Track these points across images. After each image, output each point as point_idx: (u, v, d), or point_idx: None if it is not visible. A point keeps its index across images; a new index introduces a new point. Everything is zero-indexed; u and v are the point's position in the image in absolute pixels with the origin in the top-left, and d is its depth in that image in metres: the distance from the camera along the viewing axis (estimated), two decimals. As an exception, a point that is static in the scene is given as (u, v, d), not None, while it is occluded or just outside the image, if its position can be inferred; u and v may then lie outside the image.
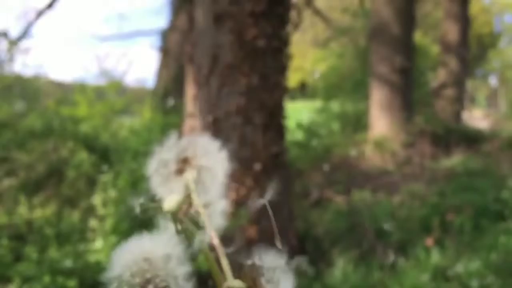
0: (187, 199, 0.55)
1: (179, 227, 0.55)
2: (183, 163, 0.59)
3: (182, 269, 0.51)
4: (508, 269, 3.41)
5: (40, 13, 10.80)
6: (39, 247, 3.25)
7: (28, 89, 9.49)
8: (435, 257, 3.63)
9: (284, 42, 3.80)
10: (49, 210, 3.99)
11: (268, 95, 3.64)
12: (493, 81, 36.13)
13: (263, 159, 3.56)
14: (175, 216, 0.54)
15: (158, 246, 0.50)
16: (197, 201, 0.57)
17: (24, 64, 10.01)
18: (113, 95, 8.85)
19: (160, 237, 0.51)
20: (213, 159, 0.59)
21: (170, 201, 0.55)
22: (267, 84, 3.63)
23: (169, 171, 0.58)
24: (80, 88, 8.64)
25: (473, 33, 23.30)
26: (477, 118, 17.92)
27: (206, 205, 0.57)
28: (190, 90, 3.82)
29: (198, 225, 0.55)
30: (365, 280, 3.51)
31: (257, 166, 3.53)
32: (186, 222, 0.54)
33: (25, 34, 10.68)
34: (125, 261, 0.50)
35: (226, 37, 3.54)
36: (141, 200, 0.56)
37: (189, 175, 0.57)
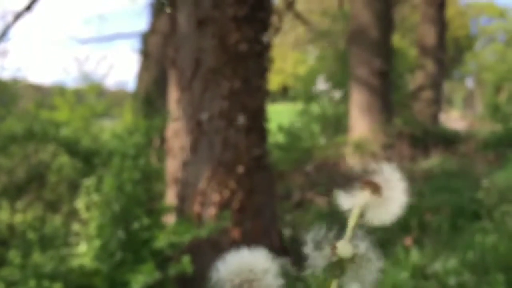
0: (356, 251, 0.64)
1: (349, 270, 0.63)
2: (371, 185, 0.67)
3: (277, 281, 0.63)
4: (483, 266, 3.52)
5: (18, 16, 10.66)
6: (22, 251, 3.24)
7: (6, 92, 9.38)
8: (414, 256, 3.73)
9: (265, 46, 3.86)
10: (32, 214, 3.97)
11: (250, 99, 3.69)
12: (469, 83, 36.82)
13: (245, 162, 3.61)
14: (342, 262, 0.63)
15: (258, 261, 0.61)
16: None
17: (2, 67, 9.89)
18: (93, 98, 8.81)
19: (258, 254, 0.61)
20: (396, 191, 0.68)
21: (345, 249, 0.63)
22: (249, 88, 3.69)
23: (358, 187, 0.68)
24: (60, 91, 8.57)
25: (450, 36, 23.72)
26: (454, 119, 18.26)
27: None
28: (173, 94, 3.85)
29: (356, 276, 0.64)
30: (347, 279, 3.58)
31: (240, 169, 3.58)
32: (355, 268, 0.63)
33: (3, 36, 10.54)
34: (232, 269, 0.60)
35: (208, 42, 3.58)
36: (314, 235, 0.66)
37: (365, 197, 0.66)
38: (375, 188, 0.68)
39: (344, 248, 0.63)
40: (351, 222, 0.67)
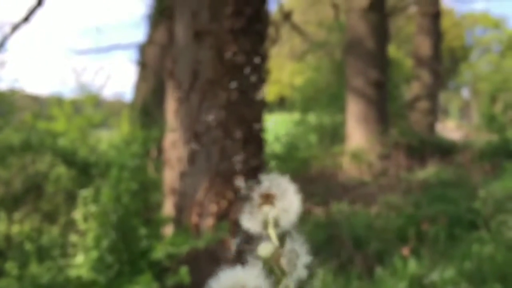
0: (277, 250, 0.66)
1: (270, 270, 0.66)
2: (265, 199, 0.69)
3: None
4: (481, 276, 3.53)
5: (16, 27, 10.70)
6: (19, 262, 3.24)
7: (3, 103, 9.38)
8: (412, 266, 3.74)
9: (262, 58, 3.88)
10: (29, 225, 3.96)
11: (247, 110, 3.71)
12: (465, 93, 37.02)
13: (243, 173, 3.62)
14: (267, 261, 0.65)
15: (250, 278, 0.63)
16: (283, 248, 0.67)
17: (-1, 78, 9.88)
18: (91, 108, 8.82)
19: (251, 271, 0.63)
20: (289, 202, 0.71)
21: (265, 248, 0.66)
22: (246, 99, 3.71)
23: (254, 205, 0.69)
24: (57, 102, 8.58)
25: (445, 47, 23.87)
26: (450, 129, 18.34)
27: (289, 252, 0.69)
28: (170, 105, 3.86)
29: (284, 272, 0.66)
30: (344, 290, 3.58)
31: (237, 180, 3.59)
32: (276, 268, 0.66)
33: (0, 47, 10.57)
34: (224, 286, 0.63)
35: (206, 53, 3.61)
36: (237, 240, 0.68)
37: (270, 211, 0.68)
38: (271, 200, 0.70)
39: (265, 248, 0.66)
40: (271, 234, 0.69)
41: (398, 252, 4.07)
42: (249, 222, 0.68)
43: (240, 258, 0.66)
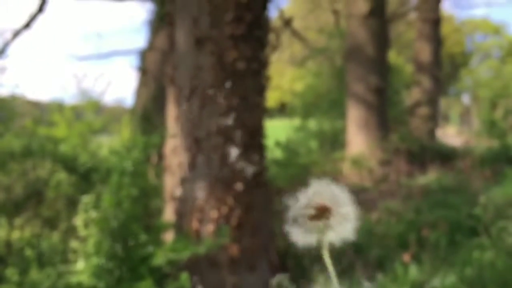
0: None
1: None
2: (318, 209, 0.66)
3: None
4: (481, 283, 3.52)
5: (17, 33, 10.74)
6: (20, 269, 3.23)
7: (4, 109, 9.39)
8: (412, 272, 3.73)
9: (263, 64, 3.90)
10: (29, 231, 3.96)
11: (248, 116, 3.72)
12: (465, 99, 37.04)
13: (243, 179, 3.62)
14: None
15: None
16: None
17: (0, 84, 9.91)
18: (91, 114, 8.83)
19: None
20: (346, 208, 0.68)
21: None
22: (247, 105, 3.71)
23: (305, 215, 0.66)
24: (58, 107, 8.60)
25: (446, 53, 23.92)
26: (450, 135, 18.34)
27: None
28: (171, 111, 3.87)
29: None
30: (345, 296, 3.57)
31: (238, 186, 3.59)
32: None
33: (1, 53, 10.60)
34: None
35: (207, 60, 3.62)
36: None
37: (325, 221, 0.65)
38: (326, 214, 0.67)
39: None
40: (327, 262, 0.67)
41: (399, 258, 4.07)
42: (301, 236, 0.64)
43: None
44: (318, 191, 0.67)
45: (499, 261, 3.73)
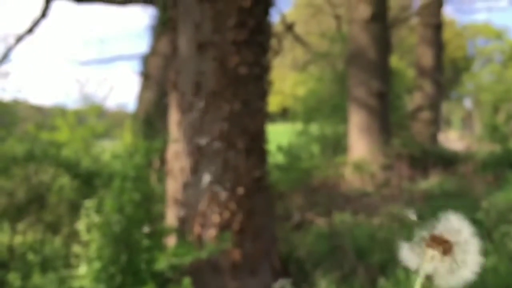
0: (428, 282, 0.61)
1: None
2: (436, 243, 0.63)
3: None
4: (484, 288, 3.51)
5: (20, 38, 10.79)
6: (22, 273, 3.24)
7: (7, 113, 9.43)
8: (415, 277, 3.72)
9: (265, 69, 3.91)
10: (32, 236, 3.96)
11: (250, 121, 3.73)
12: (467, 103, 37.02)
13: (246, 183, 3.63)
14: None
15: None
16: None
17: (3, 89, 9.98)
18: (94, 119, 8.86)
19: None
20: (463, 236, 0.63)
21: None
22: (249, 110, 3.72)
23: (423, 245, 0.63)
24: (61, 112, 8.63)
25: (447, 57, 23.95)
26: (452, 139, 18.33)
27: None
28: (173, 116, 3.88)
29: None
30: (347, 301, 3.57)
31: (240, 190, 3.60)
32: None
33: (4, 58, 10.65)
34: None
35: (209, 65, 3.64)
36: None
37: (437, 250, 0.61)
38: (446, 249, 0.63)
39: None
40: (417, 285, 0.63)
41: (401, 263, 4.06)
42: (409, 255, 0.62)
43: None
44: (451, 226, 0.64)
45: (501, 266, 3.72)
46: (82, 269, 3.29)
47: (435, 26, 13.06)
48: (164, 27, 9.46)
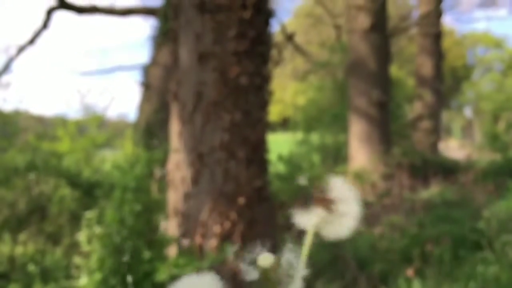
0: (277, 260, 0.68)
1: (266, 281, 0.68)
2: (322, 201, 0.70)
3: None
4: (486, 298, 3.50)
5: (21, 49, 10.85)
6: (23, 284, 3.24)
7: (8, 124, 9.45)
8: (416, 287, 3.71)
9: (266, 79, 3.92)
10: (33, 247, 3.96)
11: (251, 131, 3.74)
12: (467, 112, 37.08)
13: (247, 193, 3.63)
14: (265, 272, 0.67)
15: (205, 283, 0.65)
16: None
17: (4, 99, 10.01)
18: (95, 129, 8.89)
19: (205, 277, 0.64)
20: (349, 204, 0.71)
21: (265, 259, 0.68)
22: (249, 120, 3.74)
23: (310, 205, 0.71)
24: (62, 122, 8.65)
25: (447, 66, 24.01)
26: (453, 148, 18.33)
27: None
28: (174, 126, 3.90)
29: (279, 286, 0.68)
30: (349, 311, 3.56)
31: (241, 200, 3.60)
32: (273, 279, 0.68)
33: (6, 69, 10.71)
34: None
35: (210, 75, 3.65)
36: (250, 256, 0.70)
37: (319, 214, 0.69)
38: (328, 204, 0.71)
39: (264, 259, 0.68)
40: (307, 240, 0.71)
41: (403, 273, 4.05)
42: (301, 218, 0.69)
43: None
44: (334, 185, 0.71)
45: (503, 275, 3.71)
46: (83, 280, 3.28)
47: (435, 35, 13.12)
48: (165, 38, 9.52)
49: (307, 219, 0.70)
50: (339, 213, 0.71)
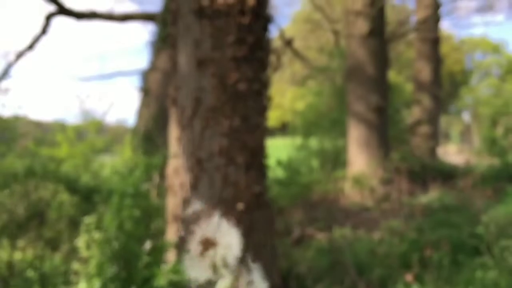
0: (235, 283, 0.69)
1: None
2: (205, 244, 0.71)
3: None
4: (485, 303, 3.50)
5: (20, 54, 10.86)
6: (21, 291, 3.23)
7: (7, 130, 9.45)
8: (415, 292, 3.71)
9: (264, 85, 3.94)
10: (32, 252, 3.95)
11: (249, 136, 3.75)
12: (466, 117, 37.15)
13: (245, 199, 3.63)
14: None
15: None
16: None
17: (3, 105, 10.02)
18: (94, 134, 8.89)
19: None
20: (228, 236, 0.72)
21: (223, 284, 0.69)
22: (248, 126, 3.74)
23: (194, 254, 0.71)
24: (61, 128, 8.66)
25: (445, 71, 24.07)
26: (451, 153, 18.35)
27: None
28: (173, 132, 3.90)
29: None
30: (348, 317, 3.55)
31: (240, 206, 3.60)
32: None
33: (5, 75, 10.72)
34: None
35: (208, 81, 3.66)
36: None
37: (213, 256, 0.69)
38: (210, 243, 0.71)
39: (222, 283, 0.69)
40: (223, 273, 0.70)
41: (402, 278, 4.05)
42: (195, 270, 0.69)
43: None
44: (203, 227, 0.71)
45: (502, 280, 3.71)
46: (82, 286, 3.27)
47: (433, 40, 13.16)
48: (163, 43, 9.54)
49: (203, 268, 0.70)
50: (224, 247, 0.71)
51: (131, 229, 3.26)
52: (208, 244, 0.71)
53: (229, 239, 0.72)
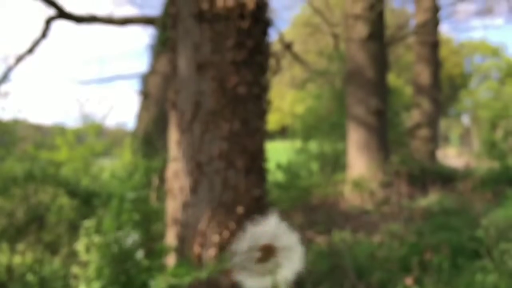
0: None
1: None
2: (264, 250, 0.68)
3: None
4: (485, 306, 3.50)
5: (20, 58, 10.87)
6: (21, 295, 3.23)
7: (6, 133, 9.46)
8: (415, 296, 3.71)
9: (264, 89, 3.94)
10: (31, 256, 3.95)
11: (249, 140, 3.75)
12: (465, 120, 37.18)
13: (245, 203, 3.63)
14: None
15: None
16: None
17: (3, 108, 10.02)
18: (93, 138, 8.89)
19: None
20: (288, 240, 0.69)
21: None
22: (248, 129, 3.74)
23: (251, 261, 0.68)
24: (60, 131, 8.66)
25: (445, 74, 24.10)
26: (451, 156, 18.37)
27: None
28: (173, 135, 3.90)
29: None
30: (348, 321, 3.55)
31: (240, 210, 3.60)
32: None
33: (4, 78, 10.73)
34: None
35: (208, 85, 3.66)
36: None
37: (273, 260, 0.67)
38: (270, 251, 0.69)
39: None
40: None
41: (402, 282, 4.05)
42: (253, 282, 0.66)
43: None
44: (255, 232, 0.69)
45: (502, 283, 3.71)
46: (81, 290, 3.27)
47: (432, 44, 13.19)
48: (163, 47, 9.56)
49: (261, 280, 0.69)
50: (284, 252, 0.70)
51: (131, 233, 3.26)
52: (267, 250, 0.69)
53: (289, 242, 0.70)
